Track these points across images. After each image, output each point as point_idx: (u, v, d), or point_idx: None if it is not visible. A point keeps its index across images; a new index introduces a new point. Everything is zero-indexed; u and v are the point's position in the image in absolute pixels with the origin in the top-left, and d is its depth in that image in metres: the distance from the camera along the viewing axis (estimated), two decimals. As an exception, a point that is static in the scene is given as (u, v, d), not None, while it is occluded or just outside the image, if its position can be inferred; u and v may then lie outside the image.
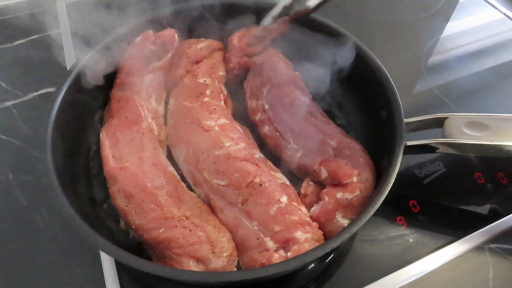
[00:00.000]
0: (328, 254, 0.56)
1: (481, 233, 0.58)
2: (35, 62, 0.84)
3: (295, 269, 0.47)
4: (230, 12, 0.73)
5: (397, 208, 0.62)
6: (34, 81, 0.80)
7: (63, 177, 0.51)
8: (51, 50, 0.86)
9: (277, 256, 0.49)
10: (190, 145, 0.60)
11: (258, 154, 0.60)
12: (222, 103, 0.68)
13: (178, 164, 0.62)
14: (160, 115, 0.68)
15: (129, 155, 0.57)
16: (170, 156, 0.64)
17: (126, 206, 0.53)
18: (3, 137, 0.71)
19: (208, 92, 0.67)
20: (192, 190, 0.59)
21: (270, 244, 0.50)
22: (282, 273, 0.43)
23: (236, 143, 0.59)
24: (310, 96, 0.68)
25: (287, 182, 0.57)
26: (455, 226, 0.60)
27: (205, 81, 0.69)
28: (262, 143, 0.65)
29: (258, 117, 0.67)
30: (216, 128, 0.61)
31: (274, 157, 0.63)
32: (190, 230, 0.50)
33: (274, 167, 0.59)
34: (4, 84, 0.79)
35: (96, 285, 0.53)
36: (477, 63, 0.88)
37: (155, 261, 0.51)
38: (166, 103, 0.71)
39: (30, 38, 0.89)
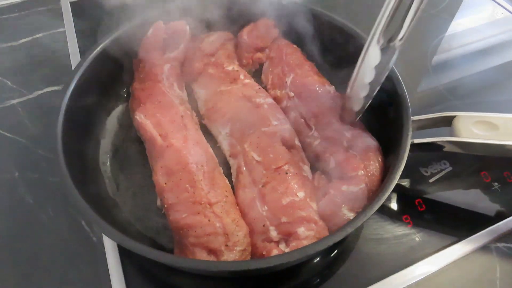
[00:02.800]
0: (332, 249, 0.56)
1: (488, 232, 0.58)
2: (40, 61, 0.84)
3: (296, 261, 0.47)
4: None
5: (403, 207, 0.61)
6: (39, 79, 0.80)
7: (72, 168, 0.51)
8: (56, 48, 0.86)
9: (276, 252, 0.49)
10: (238, 120, 0.62)
11: (297, 141, 0.62)
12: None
13: (218, 138, 0.64)
14: (186, 101, 0.69)
15: (174, 133, 0.59)
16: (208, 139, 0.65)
17: (166, 183, 0.54)
18: (9, 135, 0.71)
19: (242, 76, 0.69)
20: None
21: (273, 234, 0.50)
22: (282, 265, 0.44)
23: (282, 124, 0.61)
24: (333, 86, 0.68)
25: (310, 177, 0.58)
26: (462, 225, 0.59)
27: (233, 68, 0.71)
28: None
29: (283, 105, 0.67)
30: (265, 106, 0.64)
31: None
32: (209, 220, 0.51)
33: (305, 159, 0.60)
34: (9, 83, 0.79)
35: (101, 283, 0.53)
36: (483, 62, 0.88)
37: (176, 249, 0.52)
38: (188, 91, 0.72)
39: (35, 36, 0.89)
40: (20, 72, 0.82)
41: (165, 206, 0.53)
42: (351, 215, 0.52)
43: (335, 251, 0.56)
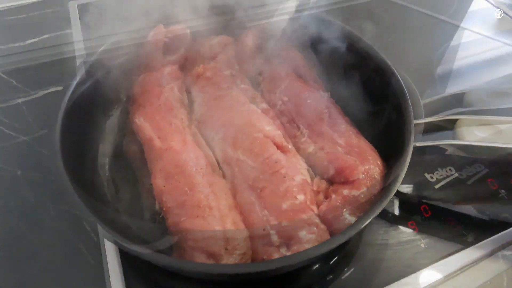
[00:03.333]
0: (332, 255, 0.55)
1: (495, 240, 0.56)
2: (46, 61, 0.85)
3: (298, 264, 0.46)
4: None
5: (408, 212, 0.60)
6: (45, 79, 0.80)
7: (71, 171, 0.51)
8: (62, 50, 0.87)
9: (277, 257, 0.48)
10: (231, 125, 0.62)
11: (291, 146, 0.62)
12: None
13: (210, 144, 0.63)
14: (186, 104, 0.69)
15: (173, 136, 0.59)
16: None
17: (164, 186, 0.54)
18: (13, 133, 0.71)
19: (238, 81, 0.69)
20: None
21: (274, 238, 0.49)
22: (283, 269, 0.43)
23: (276, 128, 0.61)
24: (329, 93, 0.68)
25: (309, 180, 0.57)
26: (468, 232, 0.58)
27: (231, 72, 0.71)
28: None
29: (277, 108, 0.67)
30: (259, 111, 0.64)
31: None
32: (208, 223, 0.50)
33: (302, 162, 0.59)
34: (15, 82, 0.80)
35: (101, 283, 0.52)
36: (490, 71, 0.87)
37: (175, 253, 0.51)
38: (188, 94, 0.72)
39: (42, 37, 0.90)
40: (26, 72, 0.83)
41: (164, 209, 0.53)
42: (352, 220, 0.52)
43: (336, 258, 0.55)
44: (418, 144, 0.54)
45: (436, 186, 0.64)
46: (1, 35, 0.92)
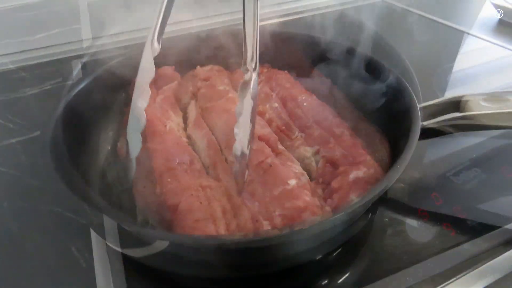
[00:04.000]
0: (340, 237, 0.52)
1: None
2: (53, 55, 0.87)
3: (300, 241, 0.44)
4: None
5: (418, 200, 0.58)
6: (53, 72, 0.82)
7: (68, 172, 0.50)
8: (69, 48, 0.89)
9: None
10: (227, 127, 0.61)
11: (288, 146, 0.61)
12: None
13: (209, 142, 0.62)
14: (185, 104, 0.71)
15: (168, 136, 0.59)
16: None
17: (165, 166, 0.54)
18: (16, 126, 0.73)
19: (230, 95, 0.69)
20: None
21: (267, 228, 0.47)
22: (290, 244, 0.42)
23: (271, 131, 0.61)
24: (328, 89, 0.68)
25: (302, 171, 0.56)
26: (480, 223, 0.54)
27: (224, 88, 0.71)
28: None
29: (272, 110, 0.67)
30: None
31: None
32: (209, 203, 0.50)
33: (297, 164, 0.58)
34: (24, 73, 0.83)
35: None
36: (489, 76, 0.85)
37: None
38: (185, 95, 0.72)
39: (51, 32, 0.92)
40: (33, 66, 0.85)
41: (164, 190, 0.52)
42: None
43: (340, 249, 0.53)
44: (425, 123, 0.53)
45: (448, 174, 0.62)
46: (11, 31, 0.95)
